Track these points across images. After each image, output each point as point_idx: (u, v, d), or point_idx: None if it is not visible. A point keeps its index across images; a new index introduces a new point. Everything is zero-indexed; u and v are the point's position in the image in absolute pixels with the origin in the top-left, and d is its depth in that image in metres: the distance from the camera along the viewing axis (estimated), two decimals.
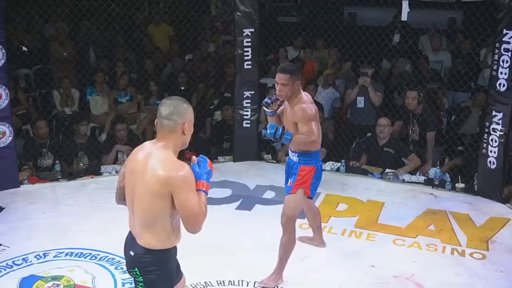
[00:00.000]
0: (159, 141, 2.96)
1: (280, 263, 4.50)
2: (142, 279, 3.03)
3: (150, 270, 3.01)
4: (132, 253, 3.07)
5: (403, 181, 6.73)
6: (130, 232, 3.16)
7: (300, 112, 4.29)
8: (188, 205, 2.87)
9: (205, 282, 4.53)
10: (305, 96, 4.43)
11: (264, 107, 4.58)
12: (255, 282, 4.51)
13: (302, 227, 5.31)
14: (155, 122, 3.00)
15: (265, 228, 5.27)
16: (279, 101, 4.49)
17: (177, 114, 2.94)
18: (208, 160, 3.07)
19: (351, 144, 7.36)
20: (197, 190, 2.93)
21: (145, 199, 2.92)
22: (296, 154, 4.45)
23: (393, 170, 6.80)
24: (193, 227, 2.92)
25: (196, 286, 4.47)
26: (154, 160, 2.90)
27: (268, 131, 4.23)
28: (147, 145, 3.04)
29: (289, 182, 4.49)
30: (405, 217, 5.79)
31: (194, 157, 3.05)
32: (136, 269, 3.04)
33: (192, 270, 4.61)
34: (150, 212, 2.95)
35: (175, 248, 3.15)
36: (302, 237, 5.09)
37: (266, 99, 4.54)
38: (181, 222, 2.99)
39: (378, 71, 8.02)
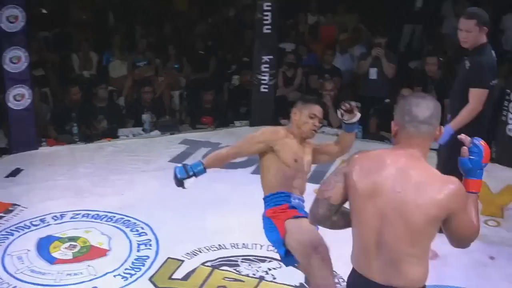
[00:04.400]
0: (409, 149, 2.24)
1: None
2: None
3: None
4: None
5: None
6: (367, 282, 2.31)
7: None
8: (469, 223, 2.27)
9: (219, 245, 4.57)
10: None
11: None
12: (268, 245, 4.52)
13: None
14: (397, 124, 2.27)
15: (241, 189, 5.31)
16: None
17: (437, 117, 2.26)
18: (485, 148, 2.32)
19: (367, 110, 7.29)
20: (468, 192, 2.28)
21: (408, 222, 2.19)
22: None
23: None
24: (468, 243, 2.35)
25: (210, 249, 4.50)
26: (420, 176, 2.20)
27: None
28: (387, 154, 2.29)
29: None
30: None
31: (464, 147, 2.31)
32: None
33: (206, 233, 4.69)
34: (421, 241, 2.24)
35: None
36: None
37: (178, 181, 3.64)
38: None
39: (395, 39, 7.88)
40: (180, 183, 3.60)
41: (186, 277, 4.20)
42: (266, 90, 7.33)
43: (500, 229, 4.93)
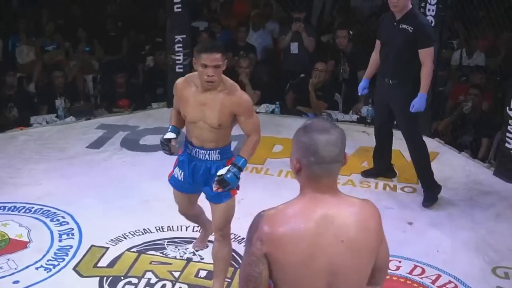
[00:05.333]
0: (327, 193, 2.01)
1: (224, 275, 3.77)
2: None
3: None
4: None
5: (337, 120, 6.82)
6: None
7: (245, 104, 3.50)
8: (387, 247, 2.19)
9: (144, 229, 4.53)
10: (231, 80, 3.61)
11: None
12: (194, 226, 4.52)
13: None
14: (299, 162, 2.01)
15: None
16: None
17: (344, 148, 2.04)
18: None
19: (285, 86, 7.39)
20: None
21: (362, 269, 2.04)
22: (217, 151, 3.58)
23: (327, 111, 6.89)
24: (386, 275, 2.28)
25: (135, 234, 4.47)
26: (348, 213, 2.02)
27: (230, 176, 3.45)
28: (307, 207, 2.00)
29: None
30: None
31: None
32: None
33: (130, 218, 4.64)
34: (364, 281, 2.09)
35: None
36: (197, 244, 4.36)
37: (165, 152, 3.71)
38: None
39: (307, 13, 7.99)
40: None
41: (112, 264, 4.16)
42: (181, 70, 7.23)
43: (416, 195, 5.14)
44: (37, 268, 4.11)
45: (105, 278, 4.01)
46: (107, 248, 4.30)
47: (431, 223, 4.73)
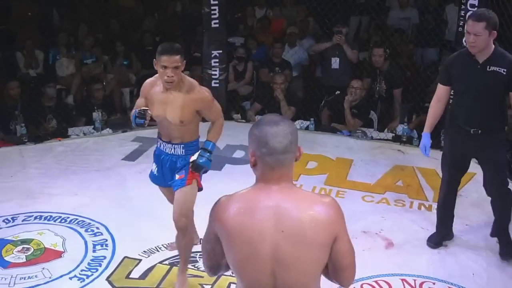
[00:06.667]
0: (278, 184, 2.11)
1: (186, 264, 4.03)
2: None
3: None
4: None
5: (372, 138, 6.79)
6: None
7: (205, 98, 3.68)
8: (351, 248, 2.18)
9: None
10: (189, 77, 3.81)
11: (137, 124, 3.67)
12: None
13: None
14: (254, 155, 2.12)
15: (236, 187, 5.23)
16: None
17: (295, 140, 2.14)
18: None
19: (320, 102, 7.37)
20: None
21: (306, 261, 2.09)
22: (182, 146, 3.79)
23: (362, 128, 6.86)
24: (352, 276, 2.22)
25: (167, 247, 4.48)
26: (298, 206, 2.09)
27: (204, 160, 3.69)
28: (257, 194, 2.13)
29: (179, 175, 3.81)
30: (373, 174, 5.86)
31: None
32: None
33: (163, 231, 4.66)
34: (313, 272, 2.14)
35: None
36: (172, 245, 4.34)
37: (139, 120, 3.63)
38: None
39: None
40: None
41: (144, 275, 4.18)
42: (217, 85, 7.32)
43: None
44: (70, 278, 4.15)
45: None
46: (140, 260, 4.32)
47: (467, 246, 4.63)
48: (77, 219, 4.91)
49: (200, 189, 3.93)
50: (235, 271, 2.19)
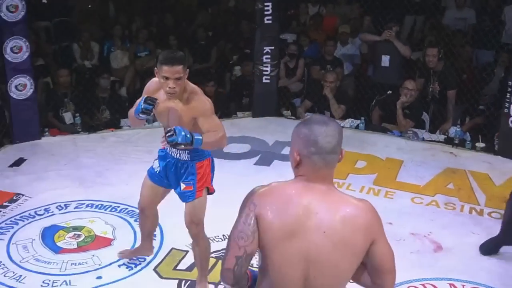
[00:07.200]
0: (319, 183, 2.10)
1: (204, 271, 3.96)
2: None
3: None
4: None
5: (423, 139, 6.69)
6: None
7: (201, 105, 3.50)
8: (391, 250, 2.17)
9: (223, 235, 4.58)
10: (193, 85, 3.65)
11: (143, 115, 3.53)
12: None
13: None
14: (300, 154, 2.10)
15: None
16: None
17: (340, 142, 2.12)
18: None
19: (371, 102, 7.30)
20: None
21: (343, 264, 2.07)
22: (187, 151, 3.65)
23: (413, 129, 6.76)
24: (394, 280, 2.18)
25: (214, 239, 4.51)
26: (338, 209, 2.07)
27: (180, 137, 3.28)
28: (299, 190, 2.10)
29: (186, 186, 3.73)
30: (424, 176, 5.77)
31: None
32: None
33: (210, 223, 4.69)
34: (344, 279, 2.13)
35: None
36: (124, 252, 4.32)
37: (146, 105, 3.47)
38: None
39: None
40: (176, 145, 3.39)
41: (191, 268, 4.21)
42: (268, 81, 7.33)
43: None
44: (119, 266, 4.24)
45: (183, 281, 4.09)
46: (187, 252, 4.36)
47: None
48: (127, 208, 5.00)
49: (211, 193, 3.82)
50: (263, 267, 2.14)
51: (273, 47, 7.26)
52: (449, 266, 4.30)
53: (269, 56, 7.27)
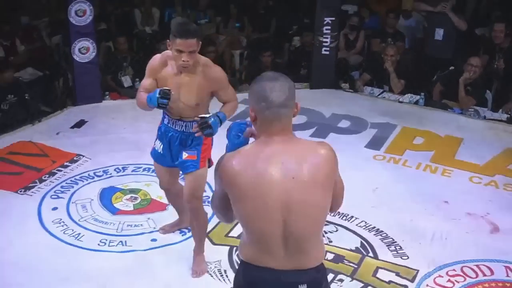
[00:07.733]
0: (279, 136, 2.20)
1: (201, 247, 3.91)
2: None
3: None
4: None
5: (484, 118, 6.52)
6: (273, 272, 2.24)
7: (219, 78, 3.50)
8: (342, 182, 2.37)
9: None
10: (203, 57, 3.58)
11: (159, 108, 3.45)
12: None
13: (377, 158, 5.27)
14: (254, 110, 2.20)
15: (339, 156, 5.23)
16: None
17: (293, 97, 2.21)
18: None
19: (432, 77, 7.14)
20: None
21: (316, 205, 2.19)
22: (194, 123, 3.49)
23: (475, 107, 6.59)
24: (341, 201, 2.41)
25: None
26: (300, 153, 2.19)
27: (216, 129, 3.36)
28: (260, 148, 2.20)
29: (190, 155, 3.63)
30: (483, 155, 5.64)
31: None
32: None
33: None
34: (322, 217, 2.26)
35: None
36: (165, 227, 4.33)
37: (162, 100, 3.36)
38: None
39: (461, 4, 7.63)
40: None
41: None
42: (327, 53, 7.25)
43: None
44: (173, 231, 4.30)
45: (234, 248, 4.12)
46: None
47: None
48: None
49: (210, 165, 3.66)
50: (244, 224, 2.25)
51: (333, 18, 7.16)
52: (506, 249, 4.20)
53: (329, 27, 7.18)
